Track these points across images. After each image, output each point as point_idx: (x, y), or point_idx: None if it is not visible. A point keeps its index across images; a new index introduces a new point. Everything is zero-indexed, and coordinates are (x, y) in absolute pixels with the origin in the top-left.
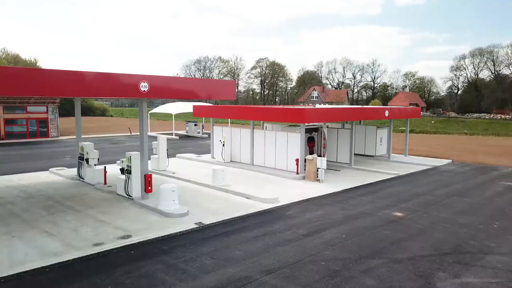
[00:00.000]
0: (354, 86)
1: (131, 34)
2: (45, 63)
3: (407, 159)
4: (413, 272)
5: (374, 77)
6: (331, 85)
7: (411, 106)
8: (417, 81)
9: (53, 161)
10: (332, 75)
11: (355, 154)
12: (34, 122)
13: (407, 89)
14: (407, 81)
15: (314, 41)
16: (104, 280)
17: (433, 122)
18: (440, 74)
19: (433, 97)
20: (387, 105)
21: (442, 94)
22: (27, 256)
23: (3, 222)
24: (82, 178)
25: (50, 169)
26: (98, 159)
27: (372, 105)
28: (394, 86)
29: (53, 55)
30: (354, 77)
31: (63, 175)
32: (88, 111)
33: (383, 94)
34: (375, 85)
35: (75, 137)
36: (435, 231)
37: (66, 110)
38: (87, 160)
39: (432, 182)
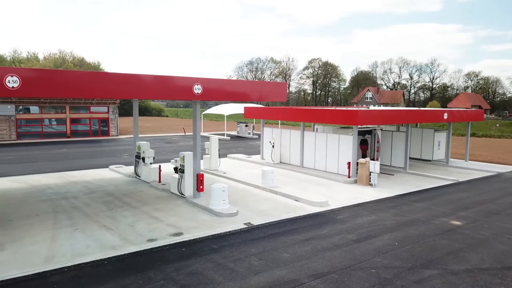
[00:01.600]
0: (410, 87)
1: (181, 36)
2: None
3: (468, 165)
4: (472, 285)
5: (433, 78)
6: (386, 86)
7: (472, 108)
8: (481, 82)
9: (112, 158)
10: (387, 75)
11: (410, 158)
12: (96, 121)
13: (469, 90)
14: (469, 81)
15: (368, 40)
16: (157, 275)
17: (498, 125)
18: (507, 74)
19: (498, 98)
20: (446, 107)
21: (509, 95)
22: (88, 249)
23: (67, 215)
24: (139, 176)
25: (109, 167)
26: (154, 158)
27: (430, 107)
28: (455, 87)
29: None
30: (411, 78)
31: (121, 172)
32: (145, 111)
33: (443, 95)
34: (434, 86)
35: (132, 136)
36: (498, 242)
37: (125, 110)
38: (143, 159)
39: (496, 189)
